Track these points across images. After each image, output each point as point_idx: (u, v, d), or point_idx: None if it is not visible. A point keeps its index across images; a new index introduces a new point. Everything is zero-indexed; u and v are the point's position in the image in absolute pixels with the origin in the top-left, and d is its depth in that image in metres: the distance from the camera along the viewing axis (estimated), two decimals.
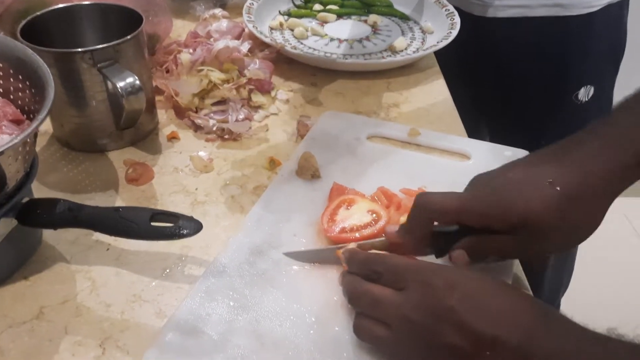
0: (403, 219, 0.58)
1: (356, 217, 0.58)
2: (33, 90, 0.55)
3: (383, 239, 0.55)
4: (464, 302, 0.42)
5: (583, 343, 0.40)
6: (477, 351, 0.40)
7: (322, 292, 0.53)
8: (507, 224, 0.48)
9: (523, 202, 0.47)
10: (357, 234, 0.56)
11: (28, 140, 0.51)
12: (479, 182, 0.52)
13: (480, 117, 1.04)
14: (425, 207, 0.51)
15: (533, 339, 0.40)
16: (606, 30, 0.94)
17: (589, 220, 0.48)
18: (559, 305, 1.24)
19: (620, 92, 1.04)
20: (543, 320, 0.41)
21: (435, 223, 0.52)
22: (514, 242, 0.48)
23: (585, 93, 0.95)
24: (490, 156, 0.69)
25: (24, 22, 0.68)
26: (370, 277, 0.48)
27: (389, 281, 0.46)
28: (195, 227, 0.51)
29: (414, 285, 0.44)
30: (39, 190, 0.65)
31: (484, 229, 0.49)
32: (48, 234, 0.59)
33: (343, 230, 0.57)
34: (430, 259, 0.53)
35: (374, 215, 0.58)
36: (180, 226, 0.50)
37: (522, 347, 0.40)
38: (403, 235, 0.52)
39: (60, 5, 0.72)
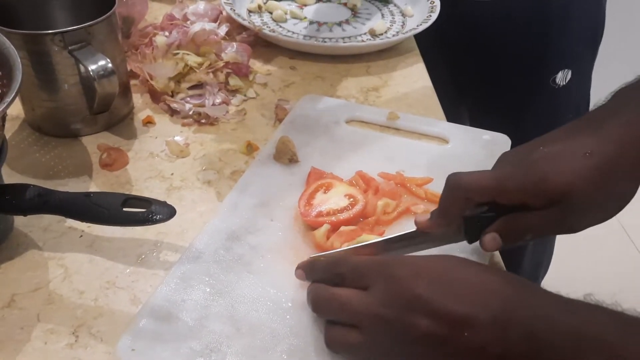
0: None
1: (333, 201, 0.58)
2: (0, 73, 0.54)
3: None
4: (431, 288, 0.40)
5: (559, 309, 0.39)
6: (453, 334, 0.39)
7: None
8: (544, 199, 0.47)
9: (560, 175, 0.46)
10: (333, 218, 0.56)
11: None
12: (511, 158, 0.50)
13: (460, 100, 1.04)
14: (459, 186, 0.49)
15: (508, 310, 0.39)
16: (585, 12, 0.94)
17: (623, 191, 0.47)
18: None
19: (599, 78, 1.05)
20: (516, 290, 0.40)
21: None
22: (549, 217, 0.47)
23: (563, 77, 0.95)
24: (468, 140, 0.69)
25: None
26: (334, 280, 0.46)
27: (353, 281, 0.45)
28: (169, 212, 0.50)
29: (379, 281, 0.43)
30: (10, 176, 0.64)
31: (519, 207, 0.48)
32: (20, 221, 0.58)
33: (319, 214, 0.57)
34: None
35: (351, 199, 0.58)
36: (153, 211, 0.49)
37: (498, 320, 0.38)
38: (436, 220, 0.50)
39: None
